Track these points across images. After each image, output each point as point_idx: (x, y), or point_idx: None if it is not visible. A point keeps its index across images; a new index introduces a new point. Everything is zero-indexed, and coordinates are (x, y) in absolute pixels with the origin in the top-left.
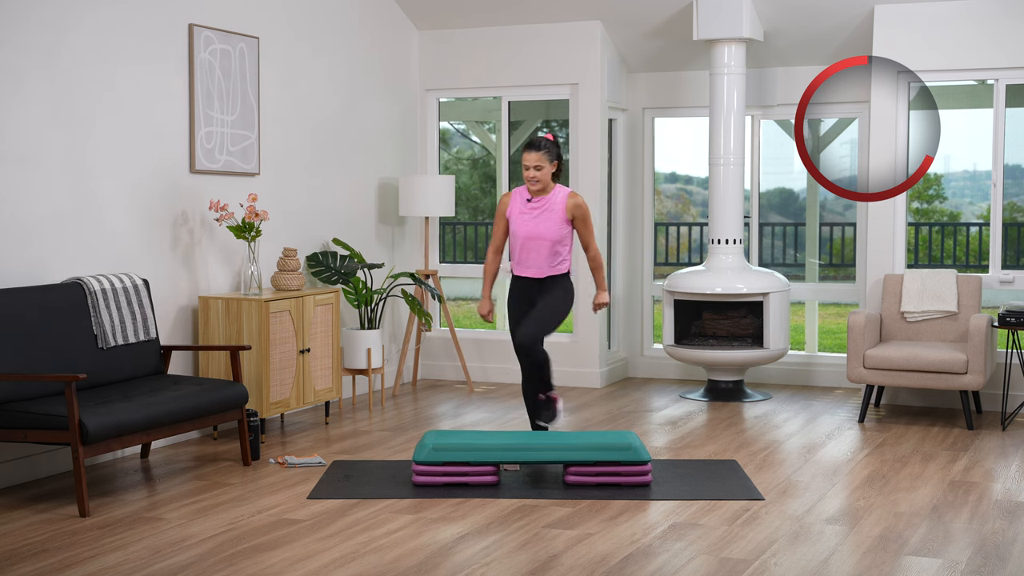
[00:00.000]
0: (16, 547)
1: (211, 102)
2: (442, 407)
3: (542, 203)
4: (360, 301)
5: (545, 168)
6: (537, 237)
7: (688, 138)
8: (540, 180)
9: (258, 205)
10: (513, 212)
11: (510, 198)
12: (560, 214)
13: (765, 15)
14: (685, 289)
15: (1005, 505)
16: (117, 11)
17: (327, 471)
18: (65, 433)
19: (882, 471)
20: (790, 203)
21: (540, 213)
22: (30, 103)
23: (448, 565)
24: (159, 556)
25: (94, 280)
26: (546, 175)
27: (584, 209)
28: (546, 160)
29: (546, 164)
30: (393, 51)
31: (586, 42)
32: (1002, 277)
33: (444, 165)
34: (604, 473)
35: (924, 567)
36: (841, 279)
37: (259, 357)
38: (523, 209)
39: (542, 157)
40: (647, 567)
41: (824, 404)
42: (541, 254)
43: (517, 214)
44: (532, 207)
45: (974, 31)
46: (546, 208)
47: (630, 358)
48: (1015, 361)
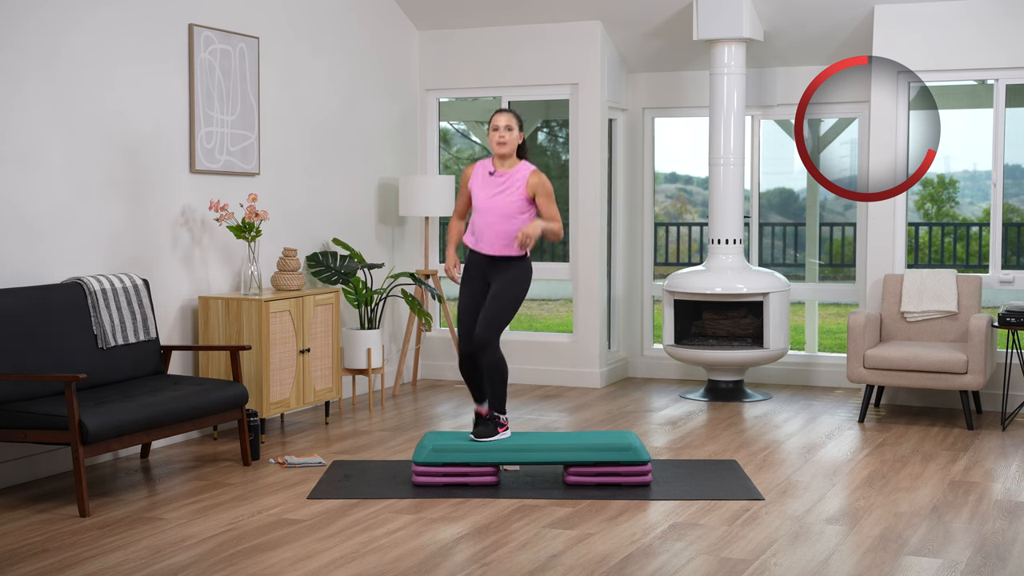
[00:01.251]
0: (16, 547)
1: (211, 102)
2: (442, 407)
3: (504, 178)
4: (360, 301)
5: (515, 131)
6: (494, 210)
7: (688, 138)
8: (508, 142)
9: (258, 205)
10: (475, 184)
11: (473, 169)
12: (521, 192)
13: (765, 15)
14: (685, 289)
15: (1005, 505)
16: (117, 11)
17: (327, 471)
18: (65, 433)
19: (882, 471)
20: (790, 203)
21: (502, 190)
22: (30, 103)
23: (448, 565)
24: (159, 556)
25: (94, 280)
26: (514, 139)
27: (547, 185)
28: (515, 123)
29: (515, 126)
30: (393, 51)
31: (586, 42)
32: (1002, 277)
33: (444, 165)
34: (604, 473)
35: (924, 567)
36: (841, 279)
37: (259, 357)
38: (485, 181)
39: (511, 118)
40: (647, 567)
41: (824, 404)
42: (496, 228)
43: (479, 186)
44: (495, 181)
45: (974, 31)
46: (507, 185)
47: (630, 358)
48: (1015, 361)
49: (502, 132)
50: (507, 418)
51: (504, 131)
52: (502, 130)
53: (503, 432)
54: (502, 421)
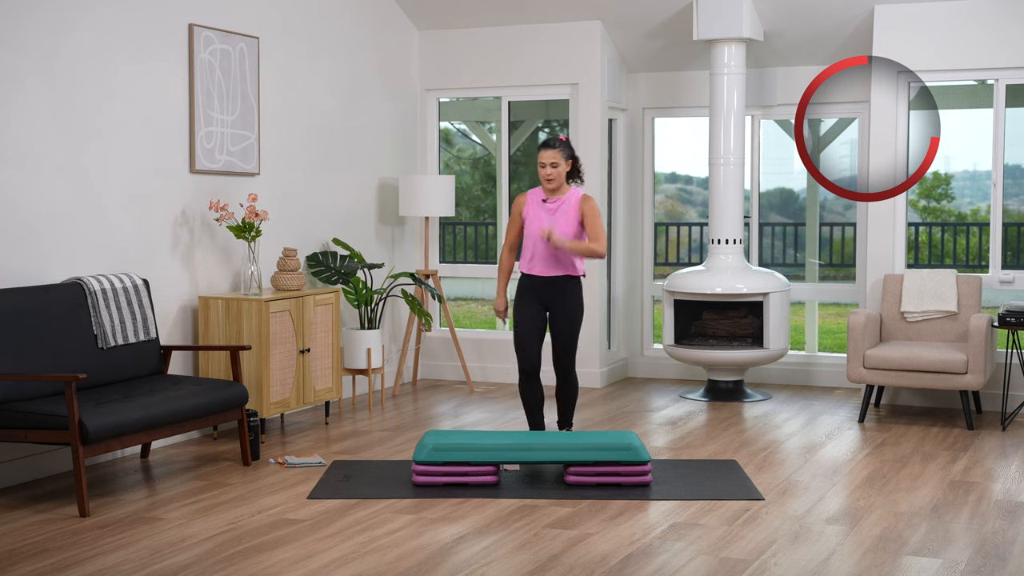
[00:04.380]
0: (16, 547)
1: (211, 102)
2: (442, 407)
3: (557, 203)
4: (360, 301)
5: (560, 166)
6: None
7: (688, 138)
8: (555, 178)
9: (258, 205)
10: (529, 212)
11: (525, 199)
12: (574, 216)
13: (765, 15)
14: (685, 289)
15: (1005, 505)
16: (117, 11)
17: (327, 471)
18: (65, 433)
19: (882, 471)
20: (790, 203)
21: (555, 213)
22: (30, 104)
23: (448, 565)
24: (159, 556)
25: (94, 280)
26: (561, 173)
27: (594, 207)
28: (561, 158)
29: (561, 162)
30: (393, 51)
31: (586, 42)
32: (1002, 277)
33: (445, 164)
34: (604, 473)
35: (924, 567)
36: (841, 279)
37: (259, 357)
38: (538, 209)
39: (557, 155)
40: (647, 567)
41: (824, 404)
42: (552, 252)
43: (532, 214)
44: (548, 207)
45: (974, 31)
46: (560, 208)
47: (630, 358)
48: (1015, 361)
49: (548, 170)
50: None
51: (550, 168)
52: (548, 168)
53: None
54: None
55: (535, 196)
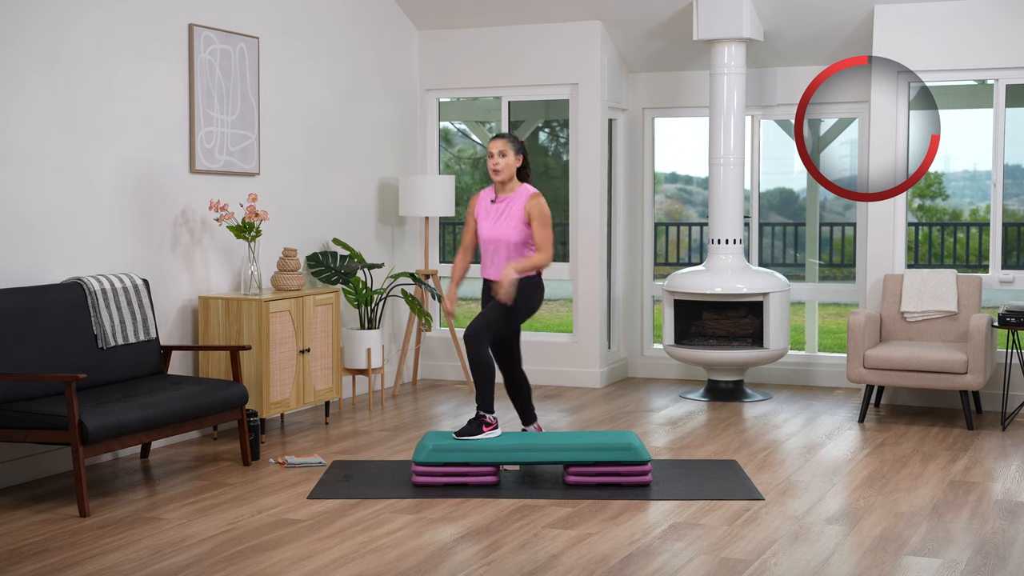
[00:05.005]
0: (16, 547)
1: (211, 102)
2: (442, 407)
3: (505, 203)
4: (360, 301)
5: (509, 156)
6: (497, 240)
7: (688, 138)
8: (503, 169)
9: (258, 205)
10: (480, 213)
11: (478, 198)
12: (519, 215)
13: (765, 15)
14: (685, 289)
15: (1005, 505)
16: (117, 11)
17: (327, 471)
18: (65, 433)
19: (882, 471)
20: (790, 203)
21: (500, 216)
22: (30, 104)
23: (448, 565)
24: (159, 556)
25: (94, 280)
26: (510, 165)
27: (541, 209)
28: (510, 148)
29: (510, 152)
30: (393, 51)
31: (586, 42)
32: (1002, 277)
33: (445, 164)
34: (604, 473)
35: (924, 567)
36: (841, 279)
37: (259, 357)
38: (487, 210)
39: (506, 144)
40: (647, 567)
41: (824, 404)
42: (501, 255)
43: (483, 215)
44: (496, 207)
45: (974, 31)
46: (506, 210)
47: (630, 358)
48: (1015, 361)
49: (496, 159)
50: (495, 417)
51: (498, 157)
52: (496, 157)
53: (488, 431)
54: (488, 420)
55: (486, 196)
